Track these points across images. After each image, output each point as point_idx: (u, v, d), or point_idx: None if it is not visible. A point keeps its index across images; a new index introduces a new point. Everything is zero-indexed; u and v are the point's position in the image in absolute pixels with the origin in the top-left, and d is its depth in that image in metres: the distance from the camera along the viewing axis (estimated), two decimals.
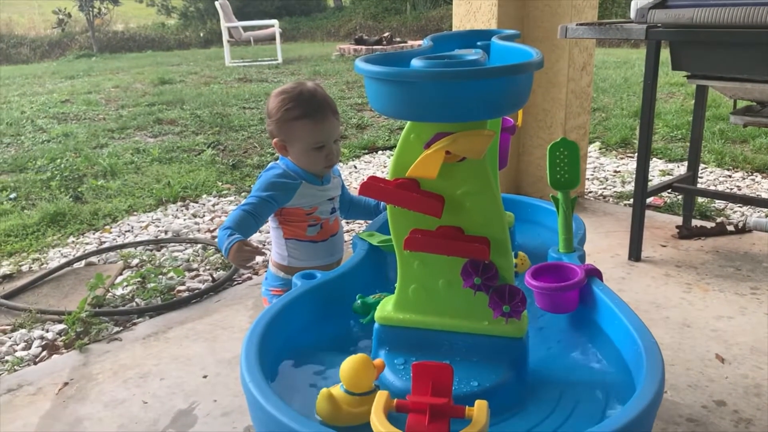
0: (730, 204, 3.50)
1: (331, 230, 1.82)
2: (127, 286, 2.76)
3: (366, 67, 1.06)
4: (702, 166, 4.17)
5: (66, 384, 2.05)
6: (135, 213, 3.75)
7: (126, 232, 3.47)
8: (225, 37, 11.64)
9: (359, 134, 5.63)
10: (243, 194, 4.05)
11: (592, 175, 4.22)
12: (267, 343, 1.19)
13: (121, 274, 2.92)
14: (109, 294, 2.69)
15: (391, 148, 5.11)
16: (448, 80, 1.01)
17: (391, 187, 1.13)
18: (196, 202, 3.92)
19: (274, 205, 1.70)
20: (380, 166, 4.66)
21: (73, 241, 3.34)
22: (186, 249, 3.20)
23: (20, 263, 3.08)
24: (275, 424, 0.98)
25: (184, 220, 3.62)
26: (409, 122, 1.13)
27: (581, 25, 2.74)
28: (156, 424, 1.84)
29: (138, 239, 3.33)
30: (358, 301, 1.40)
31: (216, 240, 2.05)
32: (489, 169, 1.14)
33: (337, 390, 1.07)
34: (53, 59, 14.55)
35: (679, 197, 3.46)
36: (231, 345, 2.24)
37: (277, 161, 1.79)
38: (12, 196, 4.04)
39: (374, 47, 11.91)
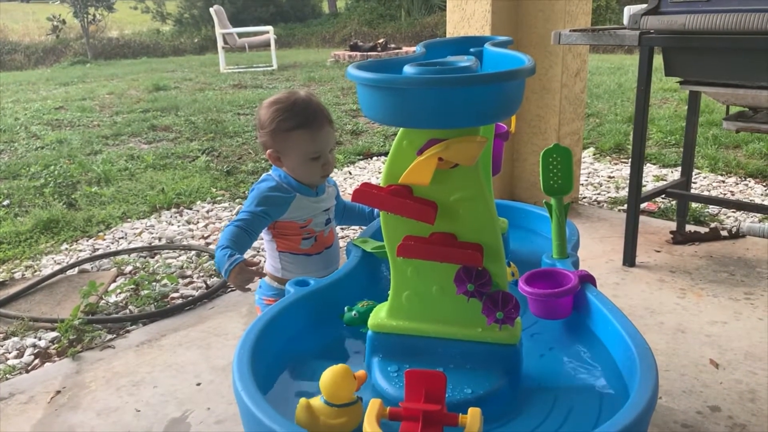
0: (724, 209, 3.51)
1: (326, 243, 1.80)
2: (120, 293, 2.75)
3: (358, 73, 1.05)
4: (695, 171, 4.18)
5: (58, 392, 2.04)
6: (129, 220, 3.74)
7: (120, 239, 3.45)
8: (220, 43, 11.65)
9: (354, 140, 5.63)
10: (237, 200, 4.04)
11: (587, 180, 4.22)
12: (259, 351, 1.19)
13: (114, 281, 2.91)
14: (103, 301, 2.68)
15: (386, 153, 5.11)
16: (440, 87, 1.01)
17: (384, 193, 1.12)
18: (190, 209, 3.91)
19: (267, 220, 1.68)
20: (375, 171, 4.66)
21: (66, 248, 3.33)
22: (180, 256, 3.18)
23: (13, 270, 3.06)
24: None
25: (178, 226, 3.61)
26: (401, 129, 1.13)
27: (574, 31, 2.75)
28: None
29: (132, 246, 3.32)
30: (353, 313, 1.39)
31: (213, 249, 1.93)
32: (482, 176, 1.14)
33: (316, 400, 1.06)
34: (47, 66, 14.54)
35: (673, 203, 3.47)
36: (225, 352, 2.23)
37: (270, 172, 1.76)
38: (5, 202, 4.03)
39: (369, 53, 11.94)
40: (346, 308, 1.41)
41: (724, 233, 3.10)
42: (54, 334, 2.41)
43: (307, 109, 1.66)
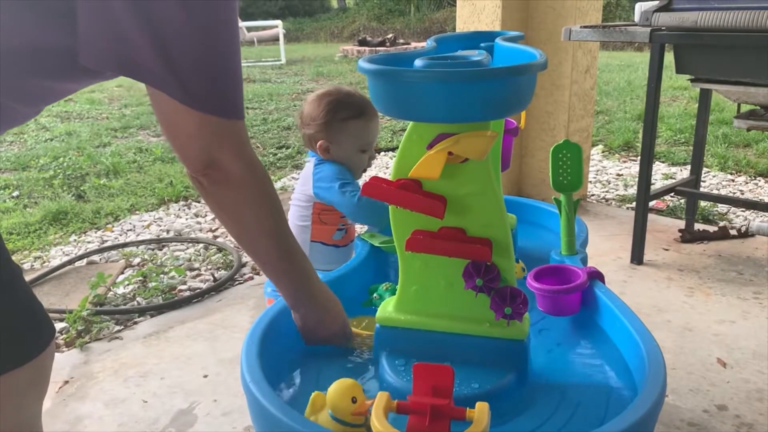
0: (733, 208, 3.50)
1: (351, 236, 1.83)
2: (128, 284, 2.76)
3: (369, 66, 1.05)
4: (705, 170, 4.16)
5: (66, 382, 2.05)
6: (137, 212, 3.75)
7: (128, 231, 3.47)
8: None
9: None
10: None
11: (595, 178, 4.21)
12: (268, 343, 1.19)
13: (122, 272, 2.92)
14: (111, 293, 2.69)
15: (393, 149, 5.10)
16: (452, 80, 1.01)
17: (393, 187, 1.12)
18: (198, 202, 3.92)
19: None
20: (382, 167, 4.66)
21: (75, 240, 3.34)
22: (188, 248, 3.19)
23: (22, 261, 3.08)
24: (275, 424, 0.98)
25: (186, 219, 3.62)
26: (411, 123, 1.13)
27: (585, 27, 2.73)
28: (156, 423, 1.84)
29: (140, 238, 3.33)
30: (387, 295, 1.39)
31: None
32: (492, 171, 1.13)
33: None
34: None
35: (682, 201, 3.46)
36: (232, 345, 2.24)
37: (309, 159, 1.79)
38: (15, 194, 4.05)
39: (378, 49, 11.93)
40: (375, 295, 1.41)
41: (733, 232, 3.09)
42: (62, 324, 2.43)
43: (361, 100, 1.72)
